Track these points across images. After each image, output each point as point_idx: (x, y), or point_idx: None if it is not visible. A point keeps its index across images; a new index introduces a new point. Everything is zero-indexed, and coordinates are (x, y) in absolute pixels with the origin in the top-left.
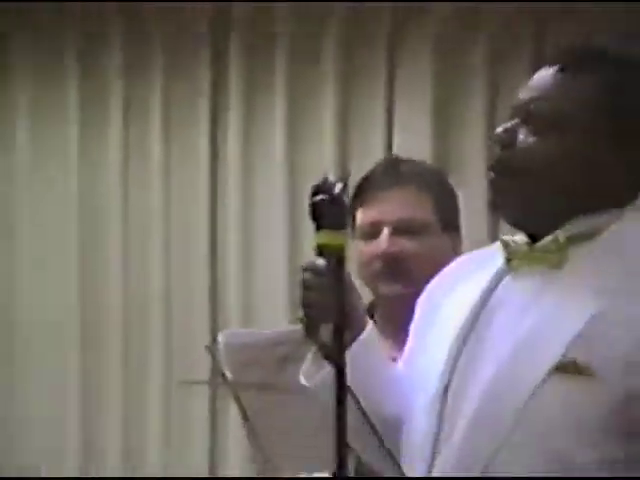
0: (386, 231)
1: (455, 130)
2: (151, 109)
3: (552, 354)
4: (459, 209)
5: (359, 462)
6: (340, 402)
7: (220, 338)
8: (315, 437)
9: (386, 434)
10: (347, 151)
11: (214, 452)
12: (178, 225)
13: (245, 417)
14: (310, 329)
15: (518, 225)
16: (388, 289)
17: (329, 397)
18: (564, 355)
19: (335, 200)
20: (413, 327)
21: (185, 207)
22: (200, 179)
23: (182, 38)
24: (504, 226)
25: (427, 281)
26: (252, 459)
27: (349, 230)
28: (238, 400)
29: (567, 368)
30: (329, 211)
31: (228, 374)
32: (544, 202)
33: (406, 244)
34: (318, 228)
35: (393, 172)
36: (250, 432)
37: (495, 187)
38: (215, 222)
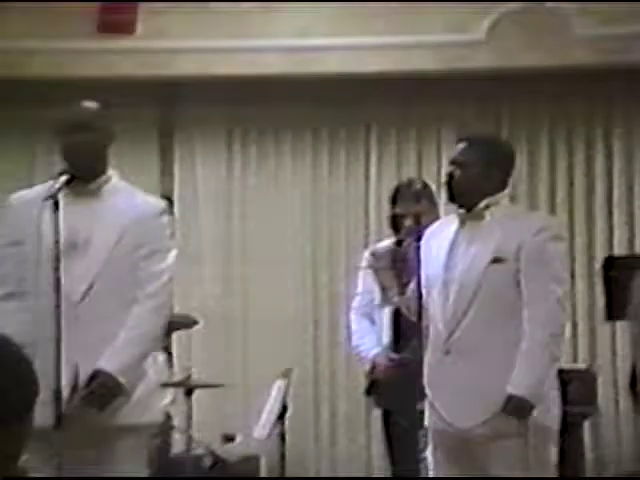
0: (409, 221)
1: None
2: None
3: (490, 254)
4: (436, 198)
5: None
6: (419, 280)
7: (370, 249)
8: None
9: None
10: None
11: None
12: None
13: (381, 278)
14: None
15: (461, 205)
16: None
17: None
18: (495, 254)
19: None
20: (422, 249)
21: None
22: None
23: None
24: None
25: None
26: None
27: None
28: (377, 273)
29: (497, 260)
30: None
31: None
32: (469, 195)
33: (419, 222)
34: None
35: (409, 190)
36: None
37: (449, 191)
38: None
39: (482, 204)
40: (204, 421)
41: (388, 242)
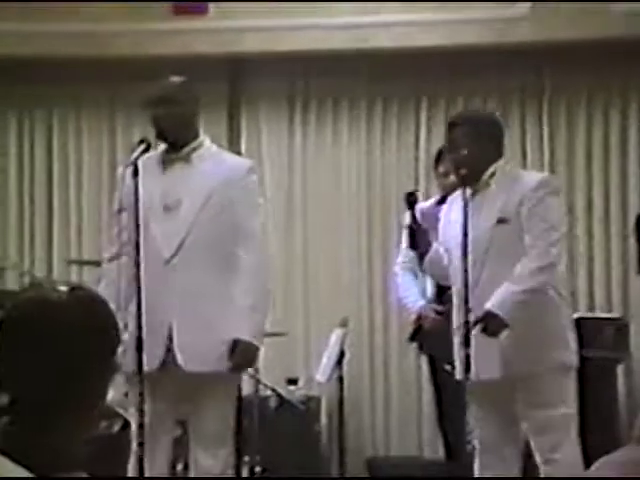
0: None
1: None
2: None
3: (495, 216)
4: None
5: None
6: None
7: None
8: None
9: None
10: None
11: None
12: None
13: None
14: None
15: (464, 182)
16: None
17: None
18: (499, 217)
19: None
20: (443, 214)
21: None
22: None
23: None
24: None
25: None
26: None
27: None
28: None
29: (501, 220)
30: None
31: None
32: (474, 173)
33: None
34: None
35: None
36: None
37: (457, 177)
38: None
39: (487, 174)
40: (270, 366)
41: (432, 201)
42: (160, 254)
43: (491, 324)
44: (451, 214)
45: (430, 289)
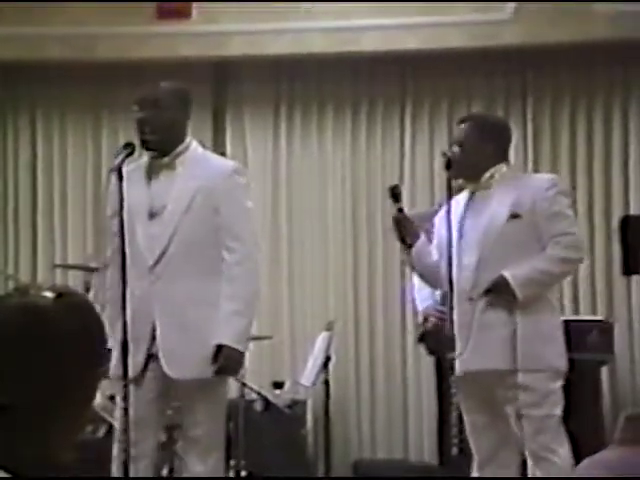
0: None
1: None
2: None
3: (507, 213)
4: None
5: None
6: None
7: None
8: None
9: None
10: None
11: None
12: None
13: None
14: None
15: (465, 179)
16: None
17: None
18: (511, 212)
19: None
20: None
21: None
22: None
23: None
24: None
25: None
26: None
27: None
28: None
29: (513, 216)
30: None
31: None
32: (469, 168)
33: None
34: None
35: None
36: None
37: (452, 168)
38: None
39: (487, 174)
40: (256, 370)
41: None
42: (145, 258)
43: (499, 286)
44: (451, 215)
45: (439, 290)
